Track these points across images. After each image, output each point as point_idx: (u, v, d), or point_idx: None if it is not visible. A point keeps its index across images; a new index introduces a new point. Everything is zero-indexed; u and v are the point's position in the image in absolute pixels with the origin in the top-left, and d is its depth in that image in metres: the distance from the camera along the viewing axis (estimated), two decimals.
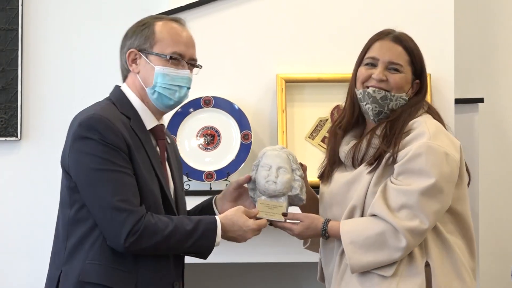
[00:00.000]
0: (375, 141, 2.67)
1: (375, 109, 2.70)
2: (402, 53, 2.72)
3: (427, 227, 2.55)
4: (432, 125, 2.64)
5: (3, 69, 4.16)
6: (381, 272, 2.58)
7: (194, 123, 3.92)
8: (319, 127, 3.99)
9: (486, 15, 4.40)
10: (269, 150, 2.75)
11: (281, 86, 3.92)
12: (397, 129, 2.64)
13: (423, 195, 2.54)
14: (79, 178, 2.47)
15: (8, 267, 4.17)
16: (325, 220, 2.70)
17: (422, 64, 2.76)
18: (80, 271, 2.46)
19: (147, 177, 2.51)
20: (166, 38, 2.58)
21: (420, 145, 2.57)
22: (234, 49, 3.96)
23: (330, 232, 2.68)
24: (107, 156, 2.44)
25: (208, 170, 3.86)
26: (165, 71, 2.57)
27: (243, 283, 4.41)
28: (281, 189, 2.70)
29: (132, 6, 4.18)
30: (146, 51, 2.58)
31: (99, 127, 2.45)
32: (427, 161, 2.55)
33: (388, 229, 2.56)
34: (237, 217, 2.59)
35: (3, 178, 4.19)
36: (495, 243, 4.29)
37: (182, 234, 2.49)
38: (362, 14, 3.98)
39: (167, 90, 2.58)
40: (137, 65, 2.60)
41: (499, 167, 4.38)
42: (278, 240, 3.78)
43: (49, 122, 4.16)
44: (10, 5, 4.16)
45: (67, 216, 2.52)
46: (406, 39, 2.75)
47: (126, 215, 2.42)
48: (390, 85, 2.70)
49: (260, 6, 3.97)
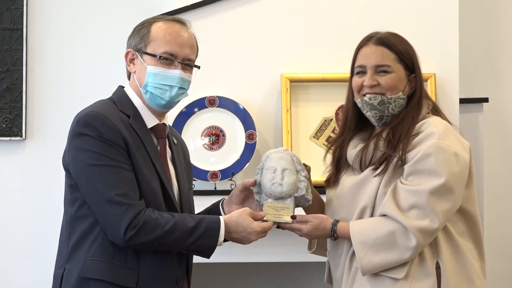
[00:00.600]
0: (381, 143, 2.67)
1: (375, 115, 2.70)
2: (386, 53, 2.70)
3: (437, 227, 2.55)
4: (441, 126, 2.63)
5: (8, 69, 4.17)
6: (392, 274, 2.57)
7: (198, 122, 3.92)
8: (324, 127, 3.99)
9: (490, 15, 4.39)
10: (273, 153, 2.76)
11: (285, 85, 3.92)
12: (402, 133, 2.63)
13: (433, 195, 2.54)
14: (78, 174, 2.49)
15: (11, 267, 4.18)
16: (334, 220, 2.70)
17: (413, 58, 2.72)
18: (82, 267, 2.47)
19: (147, 173, 2.52)
20: (159, 37, 2.59)
21: (430, 146, 2.57)
22: (238, 49, 3.96)
23: (339, 232, 2.67)
24: (104, 151, 2.46)
25: (213, 170, 3.86)
26: (156, 71, 2.58)
27: (248, 283, 4.41)
28: (287, 190, 2.70)
29: (136, 6, 4.18)
30: (141, 50, 2.60)
31: (96, 124, 2.47)
32: (436, 161, 2.55)
33: (398, 229, 2.55)
34: (242, 219, 2.60)
35: (7, 178, 4.20)
36: (500, 242, 4.29)
37: (183, 231, 2.49)
38: (366, 14, 3.98)
39: (158, 90, 2.59)
40: (134, 64, 2.62)
41: (503, 166, 4.38)
42: (283, 240, 3.78)
43: (54, 122, 4.17)
44: (15, 5, 4.17)
45: (69, 214, 2.54)
46: (388, 37, 2.73)
47: (125, 208, 2.43)
48: (383, 88, 2.68)
49: (265, 6, 3.97)
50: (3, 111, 4.15)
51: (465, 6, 4.19)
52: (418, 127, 2.65)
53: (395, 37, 2.73)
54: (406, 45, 2.73)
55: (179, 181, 2.69)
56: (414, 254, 2.56)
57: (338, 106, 3.98)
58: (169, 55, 2.59)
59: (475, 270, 2.62)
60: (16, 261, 4.18)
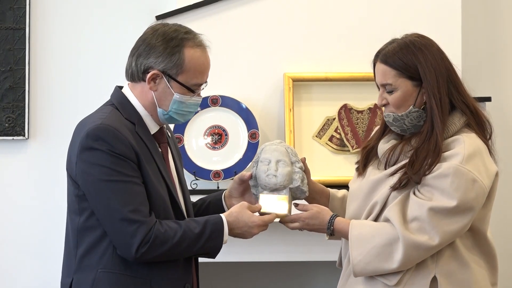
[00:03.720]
0: (408, 148, 2.60)
1: (397, 129, 2.64)
2: (387, 71, 2.59)
3: (436, 245, 2.49)
4: (471, 147, 2.53)
5: (11, 68, 4.17)
6: (385, 280, 2.54)
7: (201, 122, 3.92)
8: (327, 126, 3.99)
9: (493, 14, 4.39)
10: (267, 145, 2.75)
11: (288, 85, 3.92)
12: (428, 155, 2.54)
13: (439, 213, 2.48)
14: (88, 189, 2.46)
15: (13, 266, 4.17)
16: (334, 214, 2.66)
17: (419, 67, 2.57)
18: (93, 280, 2.47)
19: (156, 183, 2.51)
20: (192, 69, 2.55)
21: (449, 166, 2.49)
22: (241, 48, 3.96)
23: (336, 227, 2.62)
24: (116, 166, 2.43)
25: (216, 169, 3.86)
26: (183, 99, 2.56)
27: (252, 282, 4.42)
28: (282, 181, 2.69)
29: (139, 6, 4.18)
30: (171, 76, 2.54)
31: (107, 138, 2.44)
32: (451, 184, 2.48)
33: (395, 240, 2.50)
34: (242, 214, 2.59)
35: (10, 177, 4.19)
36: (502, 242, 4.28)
37: (191, 238, 2.49)
38: (369, 14, 3.98)
39: (179, 115, 2.58)
40: (155, 84, 2.55)
41: (507, 166, 4.36)
42: (287, 240, 3.79)
43: (57, 121, 4.16)
44: (18, 4, 4.17)
45: (76, 223, 2.51)
46: (390, 51, 2.60)
47: (137, 226, 2.42)
48: (391, 106, 2.61)
49: (268, 5, 3.97)
50: (5, 110, 4.15)
51: (468, 6, 4.19)
52: (447, 144, 2.56)
53: (401, 49, 2.60)
54: (412, 54, 2.58)
55: (181, 183, 2.70)
56: (403, 267, 2.51)
57: (340, 105, 3.99)
58: (198, 86, 2.59)
59: (479, 286, 2.57)
60: (19, 261, 4.17)
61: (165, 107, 2.57)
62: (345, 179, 3.62)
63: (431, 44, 2.65)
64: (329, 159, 3.97)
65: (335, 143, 3.99)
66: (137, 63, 2.56)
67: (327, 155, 3.98)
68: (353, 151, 3.96)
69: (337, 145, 3.99)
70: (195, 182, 3.83)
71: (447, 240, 2.51)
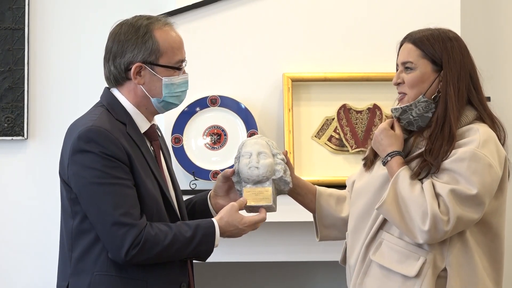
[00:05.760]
0: (420, 139, 2.61)
1: (403, 122, 2.64)
2: (412, 50, 2.62)
3: (448, 230, 2.47)
4: (486, 133, 2.55)
5: (10, 68, 4.17)
6: (404, 271, 2.53)
7: (200, 122, 3.93)
8: (326, 126, 3.99)
9: (493, 14, 4.39)
10: (248, 140, 2.76)
11: (287, 85, 3.92)
12: (444, 141, 2.55)
13: (458, 197, 2.47)
14: (80, 191, 2.46)
15: (12, 266, 4.17)
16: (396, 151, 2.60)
17: (444, 53, 2.60)
18: (89, 283, 2.47)
19: (148, 183, 2.51)
20: (170, 48, 2.56)
21: (466, 151, 2.50)
22: (240, 48, 3.97)
23: (392, 162, 2.58)
24: (107, 169, 2.43)
25: (215, 169, 3.86)
26: (172, 81, 2.57)
27: (251, 282, 4.42)
28: (264, 172, 2.68)
29: (139, 6, 4.18)
30: (152, 63, 2.55)
31: (99, 140, 2.44)
32: (468, 168, 2.48)
33: (424, 210, 2.47)
34: (233, 218, 2.60)
35: (10, 177, 4.19)
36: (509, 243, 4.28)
37: (181, 242, 2.49)
38: (368, 14, 3.98)
39: (174, 98, 2.59)
40: (141, 76, 2.56)
41: None
42: (286, 240, 3.79)
43: (56, 121, 4.16)
44: (17, 5, 4.17)
45: (70, 226, 2.51)
46: (418, 33, 2.64)
47: (127, 229, 2.42)
48: (405, 86, 2.62)
49: (266, 6, 3.97)
50: (5, 110, 4.15)
51: (467, 6, 4.19)
52: (461, 133, 2.57)
53: (424, 32, 2.64)
54: (432, 39, 2.61)
55: (173, 182, 2.70)
56: (429, 239, 2.47)
57: (340, 105, 3.99)
58: (181, 62, 2.59)
59: (483, 283, 2.56)
60: (18, 261, 4.18)
61: (158, 95, 2.57)
62: (344, 179, 3.60)
63: (461, 39, 2.70)
64: (328, 159, 3.97)
65: (334, 143, 3.99)
66: (116, 65, 2.58)
67: (326, 155, 3.98)
68: (352, 151, 3.97)
69: (336, 145, 3.99)
70: (194, 182, 3.83)
71: (459, 228, 2.50)
